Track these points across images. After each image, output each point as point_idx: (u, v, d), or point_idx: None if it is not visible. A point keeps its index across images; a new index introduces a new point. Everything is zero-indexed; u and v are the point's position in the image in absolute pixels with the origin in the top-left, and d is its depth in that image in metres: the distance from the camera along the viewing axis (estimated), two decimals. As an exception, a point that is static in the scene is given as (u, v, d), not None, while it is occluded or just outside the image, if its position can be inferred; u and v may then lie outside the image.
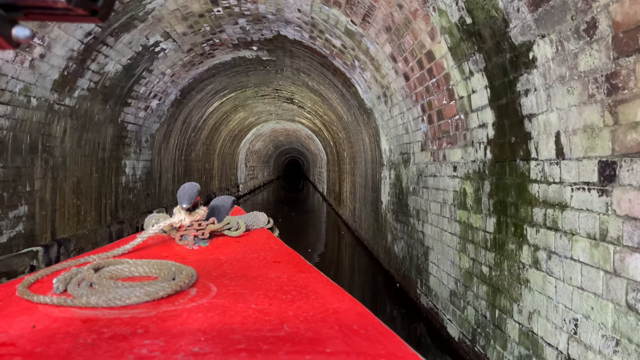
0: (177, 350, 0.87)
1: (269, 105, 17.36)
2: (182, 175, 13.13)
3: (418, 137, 5.87)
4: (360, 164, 11.11)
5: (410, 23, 4.71)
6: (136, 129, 9.20)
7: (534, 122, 3.05)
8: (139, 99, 8.68)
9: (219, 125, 16.51)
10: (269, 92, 14.73)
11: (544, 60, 2.82)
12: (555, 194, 2.83)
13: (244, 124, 20.21)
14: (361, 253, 10.36)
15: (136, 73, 7.91)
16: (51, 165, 6.23)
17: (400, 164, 6.97)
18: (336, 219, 16.30)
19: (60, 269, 1.49)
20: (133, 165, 9.28)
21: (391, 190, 7.61)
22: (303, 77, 11.56)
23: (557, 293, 2.83)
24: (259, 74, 12.22)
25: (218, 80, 11.68)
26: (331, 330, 0.99)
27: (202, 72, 10.34)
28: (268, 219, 2.40)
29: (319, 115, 15.63)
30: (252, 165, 30.47)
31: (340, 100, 10.73)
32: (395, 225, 7.35)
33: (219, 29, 8.05)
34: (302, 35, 7.97)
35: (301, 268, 1.56)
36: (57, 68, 5.85)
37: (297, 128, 24.01)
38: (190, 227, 1.96)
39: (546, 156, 2.93)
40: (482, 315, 3.94)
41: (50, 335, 0.96)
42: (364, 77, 7.53)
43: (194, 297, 1.21)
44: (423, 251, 5.77)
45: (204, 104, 12.90)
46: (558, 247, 2.81)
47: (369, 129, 9.19)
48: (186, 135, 13.08)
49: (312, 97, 13.46)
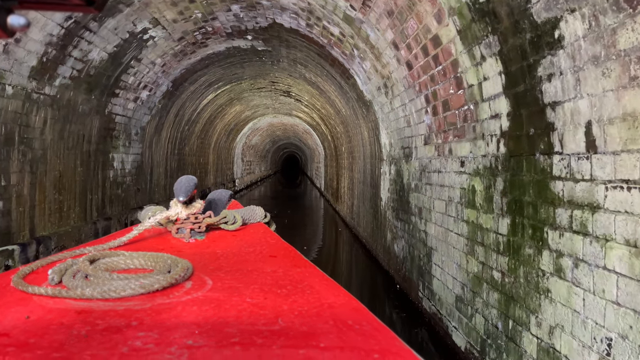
0: (171, 343, 0.87)
1: (266, 99, 16.94)
2: (175, 170, 12.73)
3: (421, 130, 5.50)
4: (359, 159, 10.74)
5: (414, 5, 4.32)
6: (125, 121, 8.79)
7: (559, 110, 2.67)
8: (128, 89, 8.28)
9: (214, 118, 16.10)
10: (265, 84, 14.31)
11: (573, 38, 2.44)
12: (584, 193, 2.46)
13: (240, 118, 19.79)
14: (359, 251, 10.00)
15: (124, 62, 7.51)
16: (29, 158, 5.84)
17: (401, 158, 6.60)
18: (333, 215, 15.94)
19: (55, 260, 1.48)
20: (122, 159, 8.89)
21: (391, 187, 7.24)
22: (300, 69, 11.16)
23: (585, 307, 2.47)
24: (254, 66, 11.81)
25: (212, 71, 11.27)
26: (326, 325, 0.99)
27: (194, 63, 9.93)
28: (265, 214, 2.39)
29: (316, 109, 15.23)
30: (249, 160, 30.11)
31: (338, 92, 10.34)
32: (395, 224, 6.99)
33: (211, 16, 7.64)
34: (299, 23, 7.57)
35: (297, 262, 1.56)
36: (34, 54, 5.45)
37: (294, 122, 23.60)
38: (186, 220, 1.95)
39: (573, 149, 2.56)
40: (493, 325, 3.58)
41: (45, 326, 0.96)
42: (363, 67, 7.14)
43: (189, 290, 1.20)
44: (426, 252, 5.40)
45: (197, 96, 12.49)
46: (587, 255, 2.44)
47: (368, 122, 8.81)
48: (179, 129, 12.67)
49: (309, 89, 13.06)
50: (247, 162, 29.69)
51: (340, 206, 14.68)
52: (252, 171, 31.74)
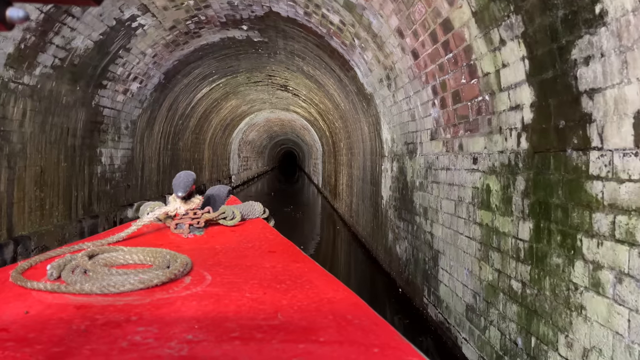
0: (171, 338, 0.87)
1: (262, 93, 16.52)
2: (168, 166, 12.33)
3: (427, 124, 5.12)
4: (358, 155, 10.36)
5: (423, -14, 3.94)
6: (114, 115, 8.38)
7: (598, 99, 2.29)
8: (117, 80, 7.86)
9: (209, 113, 15.68)
10: (262, 78, 13.90)
11: (619, 13, 2.06)
12: (631, 196, 2.09)
13: (236, 113, 19.36)
14: (358, 251, 9.63)
15: (111, 51, 7.09)
16: (6, 152, 5.44)
17: (404, 155, 6.22)
18: (332, 212, 15.56)
19: (54, 255, 1.48)
20: (111, 154, 8.48)
21: (393, 185, 6.87)
22: (297, 62, 10.75)
23: (630, 329, 2.10)
24: (250, 58, 11.40)
25: (206, 63, 10.85)
26: (325, 319, 0.99)
27: (187, 54, 9.51)
28: (264, 209, 2.37)
29: (314, 103, 14.82)
30: (245, 156, 29.70)
31: (337, 86, 9.95)
32: (397, 224, 6.61)
33: (204, 4, 7.23)
34: (296, 12, 7.17)
35: (296, 258, 1.56)
36: (11, 40, 5.04)
37: (292, 118, 23.18)
38: (185, 215, 1.94)
39: (617, 144, 2.18)
40: (512, 340, 3.21)
41: (44, 321, 0.96)
42: (364, 57, 6.75)
43: (189, 285, 1.20)
44: (432, 255, 5.03)
45: (191, 90, 12.07)
46: (635, 268, 2.07)
47: (368, 117, 8.42)
48: (173, 123, 12.26)
49: (307, 83, 12.65)
50: (244, 158, 29.28)
51: (339, 203, 14.30)
52: (249, 167, 31.32)
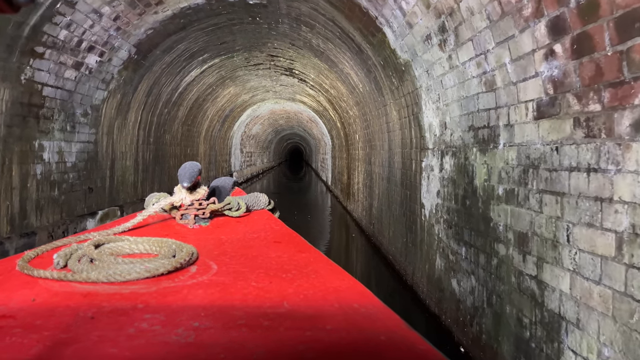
0: (178, 325, 0.88)
1: (264, 79, 14.44)
2: (150, 163, 10.29)
3: (528, 92, 3.02)
4: (382, 148, 8.26)
5: None
6: (63, 96, 6.33)
7: None
8: (60, 49, 5.81)
9: (202, 101, 13.62)
10: (263, 59, 11.82)
11: None
12: None
13: (236, 102, 17.28)
14: (383, 271, 7.54)
15: (44, 2, 5.05)
16: None
17: (468, 146, 4.13)
18: (343, 214, 13.49)
19: (60, 245, 1.51)
20: (60, 149, 6.44)
21: (445, 190, 4.78)
22: (305, 33, 8.66)
23: None
24: (247, 31, 9.32)
25: (192, 36, 8.78)
26: (331, 308, 1.00)
27: (165, 21, 7.45)
28: (269, 200, 2.40)
29: (324, 89, 12.72)
30: (249, 151, 27.70)
31: (355, 62, 7.85)
32: (453, 247, 4.54)
33: (174, -63, 5.16)
34: (304, -54, 5.08)
35: (302, 248, 1.56)
36: None
37: (298, 109, 21.08)
38: (190, 206, 1.97)
39: None
40: None
41: (51, 308, 0.98)
42: (402, 6, 4.66)
43: (194, 274, 1.23)
44: (540, 318, 2.95)
45: (177, 71, 10.01)
46: None
47: (399, 97, 6.33)
48: (155, 111, 10.21)
49: (316, 63, 10.55)
50: (247, 154, 27.27)
51: (353, 205, 12.22)
52: (253, 163, 29.31)
